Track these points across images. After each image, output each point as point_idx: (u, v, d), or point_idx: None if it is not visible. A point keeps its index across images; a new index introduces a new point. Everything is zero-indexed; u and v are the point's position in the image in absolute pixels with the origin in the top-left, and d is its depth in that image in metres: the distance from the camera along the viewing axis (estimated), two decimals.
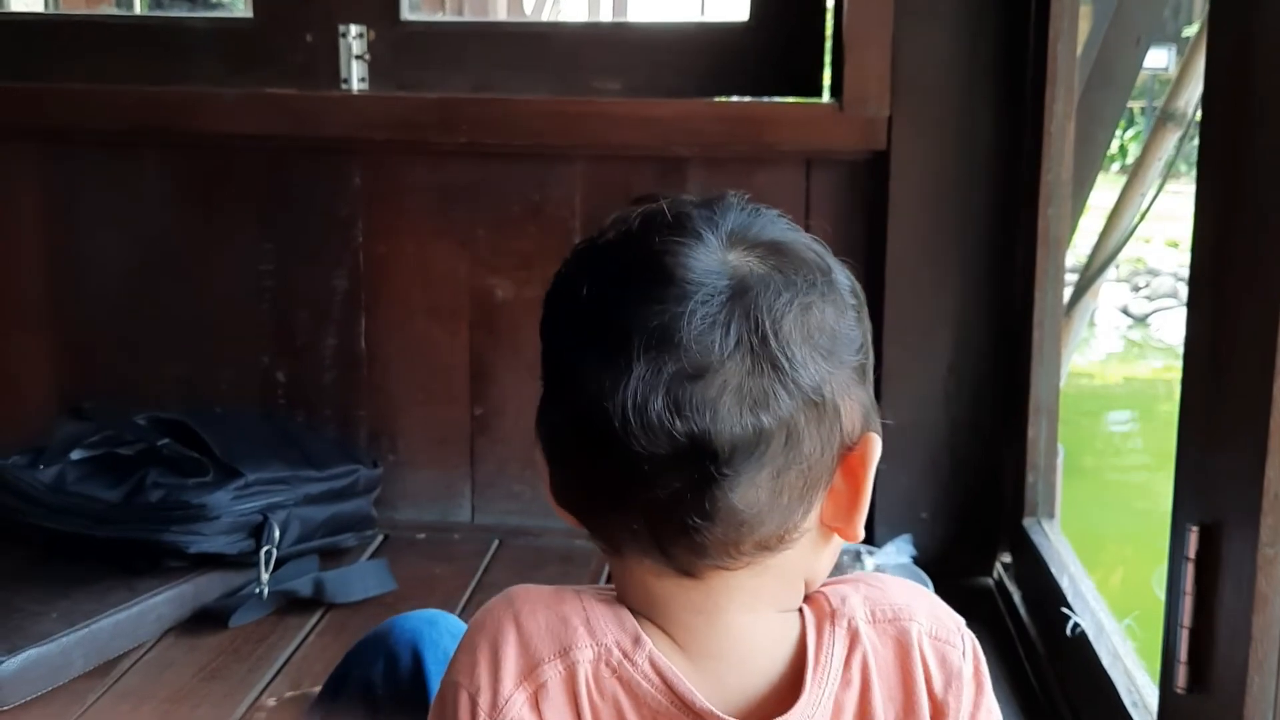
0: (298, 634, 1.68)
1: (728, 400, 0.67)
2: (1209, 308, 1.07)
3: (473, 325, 2.08)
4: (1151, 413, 6.81)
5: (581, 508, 0.75)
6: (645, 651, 0.73)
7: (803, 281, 0.71)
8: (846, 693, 0.76)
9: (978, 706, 0.79)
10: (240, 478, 1.76)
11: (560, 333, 0.74)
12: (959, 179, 1.87)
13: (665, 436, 0.67)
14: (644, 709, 0.73)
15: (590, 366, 0.69)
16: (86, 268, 2.12)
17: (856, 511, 0.75)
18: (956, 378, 1.89)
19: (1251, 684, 0.96)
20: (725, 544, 0.71)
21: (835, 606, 0.77)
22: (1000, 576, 1.86)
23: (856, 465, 0.73)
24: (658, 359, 0.67)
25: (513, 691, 0.73)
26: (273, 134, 2.04)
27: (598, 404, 0.68)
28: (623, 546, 0.74)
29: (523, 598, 0.77)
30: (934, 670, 0.77)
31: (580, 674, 0.73)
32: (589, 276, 0.72)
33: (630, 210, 0.74)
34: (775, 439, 0.69)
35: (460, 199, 2.05)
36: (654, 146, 1.97)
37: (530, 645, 0.74)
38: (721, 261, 0.70)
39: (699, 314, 0.68)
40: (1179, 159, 2.82)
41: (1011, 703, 1.52)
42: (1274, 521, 0.94)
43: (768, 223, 0.73)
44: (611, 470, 0.69)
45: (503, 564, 1.97)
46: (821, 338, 0.70)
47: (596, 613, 0.75)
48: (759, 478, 0.69)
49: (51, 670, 1.50)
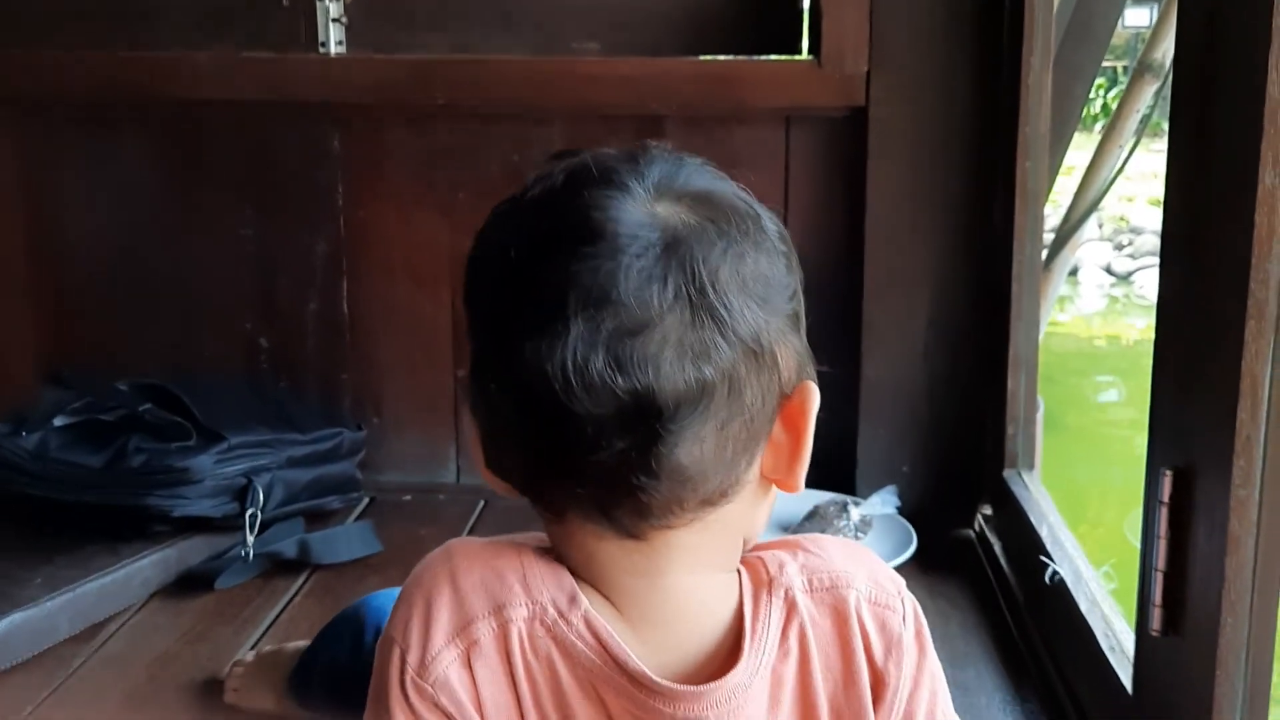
0: (284, 596, 1.69)
1: (669, 354, 0.66)
2: (1182, 255, 1.07)
3: (455, 288, 2.07)
4: (1135, 369, 6.84)
5: (521, 476, 0.74)
6: (581, 611, 0.72)
7: (735, 230, 0.70)
8: (785, 664, 0.75)
9: (920, 670, 0.78)
10: (223, 441, 1.76)
11: (489, 298, 0.72)
12: (937, 134, 1.87)
13: (608, 396, 0.66)
14: (579, 669, 0.72)
15: (525, 330, 0.67)
16: (65, 236, 2.11)
17: (798, 462, 0.74)
18: (936, 332, 1.90)
19: (1225, 625, 0.98)
20: (670, 502, 0.70)
21: (773, 575, 0.76)
22: (981, 528, 1.88)
23: (796, 414, 0.73)
24: (595, 317, 0.66)
25: (442, 648, 0.72)
26: (250, 99, 2.03)
27: (536, 368, 0.66)
28: (565, 511, 0.73)
29: (461, 553, 0.76)
30: (874, 638, 0.77)
31: (514, 632, 0.72)
32: (515, 237, 0.70)
33: (552, 166, 0.72)
34: (718, 391, 0.68)
35: (440, 162, 2.04)
36: (632, 106, 1.96)
37: (464, 602, 0.73)
38: (650, 214, 0.69)
39: (634, 268, 0.66)
40: (1158, 116, 2.82)
41: (990, 651, 1.54)
42: (1246, 464, 0.95)
43: (693, 171, 0.72)
44: (554, 436, 0.68)
45: (488, 525, 1.97)
46: (757, 285, 0.69)
47: (535, 570, 0.74)
48: (703, 431, 0.68)
49: (37, 635, 1.51)
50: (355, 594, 1.70)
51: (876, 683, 0.77)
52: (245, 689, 1.39)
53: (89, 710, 1.40)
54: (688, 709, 0.72)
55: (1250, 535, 0.96)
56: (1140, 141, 2.47)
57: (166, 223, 2.09)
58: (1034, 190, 1.77)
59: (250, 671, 1.40)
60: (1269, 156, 0.90)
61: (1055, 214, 2.96)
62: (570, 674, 0.72)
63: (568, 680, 0.72)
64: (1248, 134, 0.92)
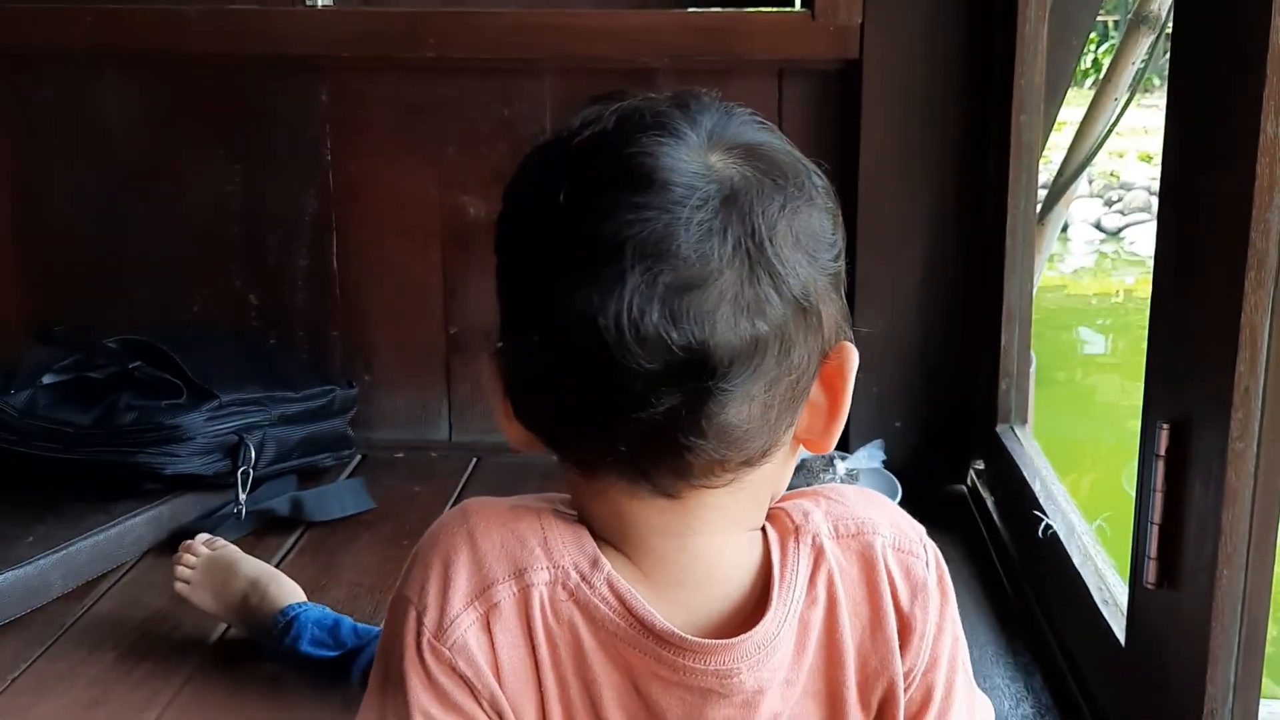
0: (277, 553, 1.69)
1: (725, 310, 0.64)
2: (1181, 206, 1.07)
3: (445, 244, 2.06)
4: (1124, 325, 6.85)
5: (554, 431, 0.71)
6: (603, 574, 0.71)
7: (790, 185, 0.68)
8: (813, 610, 0.74)
9: (943, 617, 0.78)
10: (214, 399, 1.75)
11: (532, 243, 0.68)
12: (931, 86, 1.85)
13: (662, 350, 0.63)
14: (602, 633, 0.71)
15: (576, 280, 0.64)
16: (51, 190, 2.09)
17: (835, 423, 0.72)
18: (929, 286, 1.90)
19: (1221, 577, 0.98)
20: (713, 463, 0.68)
21: (799, 523, 0.76)
22: (973, 482, 1.88)
23: (834, 375, 0.71)
24: (653, 269, 0.63)
25: (460, 611, 0.71)
26: (237, 52, 2.00)
27: (587, 319, 0.64)
28: (598, 469, 0.70)
29: (479, 514, 0.74)
30: (899, 583, 0.76)
31: (535, 596, 0.71)
32: (563, 181, 0.66)
33: (601, 109, 0.69)
34: (770, 348, 0.66)
35: (429, 115, 2.02)
36: (623, 58, 1.94)
37: (484, 565, 0.71)
38: (705, 164, 0.66)
39: (694, 221, 0.64)
40: (1151, 70, 2.80)
41: (984, 606, 1.54)
42: (1244, 416, 0.94)
43: (744, 122, 0.70)
44: (600, 391, 0.65)
45: (481, 482, 1.97)
46: (808, 241, 0.68)
47: (555, 533, 0.72)
48: (754, 390, 0.66)
49: (29, 593, 1.50)
50: (348, 551, 1.70)
51: (903, 628, 0.76)
52: (194, 587, 1.43)
53: (81, 667, 1.40)
54: (719, 662, 0.71)
55: (1248, 488, 0.96)
56: (1135, 96, 2.45)
57: (154, 177, 2.07)
58: (1029, 143, 1.76)
59: (199, 576, 1.43)
60: (1271, 105, 0.89)
61: (1046, 170, 2.95)
62: (593, 637, 0.71)
63: (590, 644, 0.71)
64: (1250, 82, 0.91)
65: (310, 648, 1.30)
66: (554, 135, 0.70)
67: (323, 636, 1.30)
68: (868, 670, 0.75)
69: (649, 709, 0.72)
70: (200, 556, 1.45)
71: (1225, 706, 1.00)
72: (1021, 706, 1.34)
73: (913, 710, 0.77)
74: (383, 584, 1.59)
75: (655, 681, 0.71)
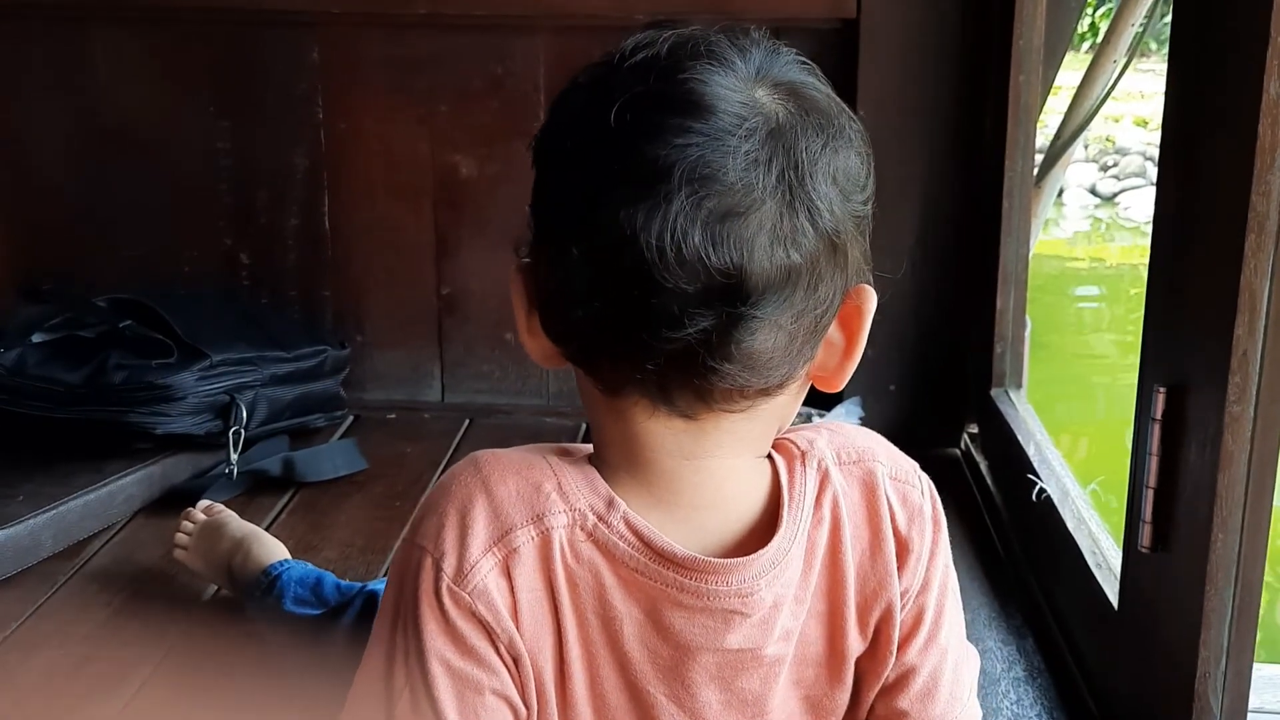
0: (269, 513, 1.68)
1: (763, 239, 0.67)
2: (1180, 168, 1.06)
3: (436, 203, 2.05)
4: (1117, 290, 6.85)
5: (583, 347, 0.73)
6: (619, 513, 0.73)
7: (831, 125, 0.70)
8: (819, 530, 0.77)
9: (936, 543, 0.82)
10: (205, 359, 1.74)
11: (579, 159, 0.69)
12: (929, 48, 1.84)
13: (700, 272, 0.66)
14: (622, 569, 0.73)
15: (623, 197, 0.66)
16: (38, 147, 2.07)
17: (849, 361, 0.75)
18: (924, 249, 1.89)
19: (1216, 541, 0.97)
20: (734, 389, 0.71)
21: (805, 449, 0.79)
22: (967, 446, 1.88)
23: (852, 315, 0.74)
24: (698, 193, 0.65)
25: (480, 557, 0.72)
26: (225, 6, 1.98)
27: (630, 236, 0.65)
28: (622, 388, 0.72)
29: (491, 463, 0.76)
30: (897, 508, 0.80)
31: (555, 540, 0.73)
32: (614, 101, 0.67)
33: (654, 34, 0.70)
34: (802, 280, 0.68)
35: (421, 73, 2.00)
36: (617, 16, 1.91)
37: (501, 511, 0.73)
38: (752, 98, 0.68)
39: (741, 150, 0.66)
40: (1148, 35, 2.78)
41: (976, 569, 1.55)
42: (1241, 380, 0.94)
43: (789, 63, 0.72)
44: (636, 309, 0.67)
45: (473, 442, 1.96)
46: (844, 181, 0.71)
47: (568, 477, 0.75)
48: (782, 319, 0.69)
49: (20, 552, 1.50)
50: (340, 511, 1.70)
51: (901, 549, 0.80)
52: (189, 552, 1.44)
53: (73, 627, 1.39)
54: (739, 580, 0.74)
55: (1244, 452, 0.95)
56: (1133, 59, 2.44)
57: (143, 134, 2.05)
58: (1027, 105, 1.74)
59: (193, 542, 1.44)
60: (1274, 65, 0.88)
61: (1042, 134, 2.94)
62: (613, 574, 0.74)
63: (610, 581, 0.74)
64: (1253, 42, 0.90)
65: (293, 606, 1.30)
66: (604, 57, 0.72)
67: (305, 595, 1.30)
68: (866, 591, 0.79)
69: (669, 640, 0.75)
70: (196, 523, 1.45)
71: (1218, 670, 1.00)
72: (1013, 669, 1.34)
73: (905, 630, 0.81)
74: (374, 544, 1.59)
75: (678, 611, 0.74)
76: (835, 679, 0.81)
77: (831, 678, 0.81)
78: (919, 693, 0.82)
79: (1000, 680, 1.32)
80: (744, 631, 0.75)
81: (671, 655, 0.75)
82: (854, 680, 0.82)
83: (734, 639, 0.75)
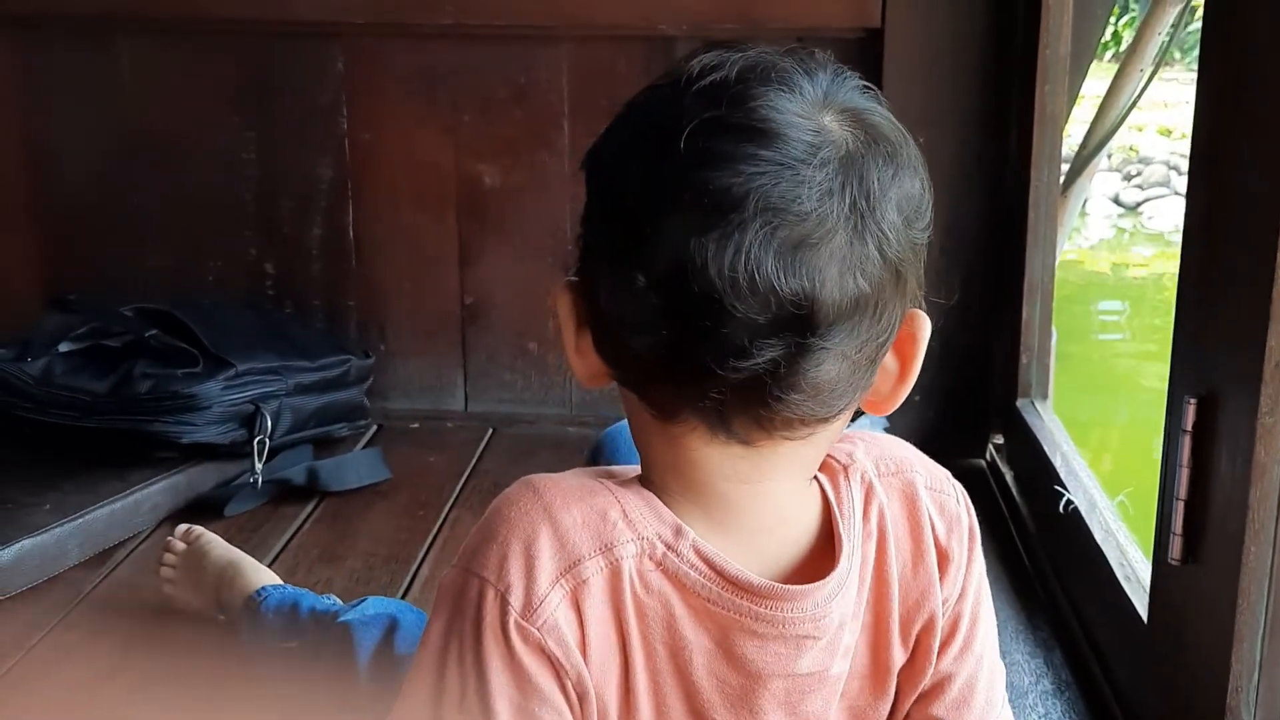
0: (293, 522, 1.69)
1: (834, 268, 0.66)
2: (1210, 176, 1.05)
3: (460, 213, 2.05)
4: (1141, 299, 6.81)
5: (642, 373, 0.71)
6: (688, 541, 0.72)
7: (900, 153, 0.69)
8: (868, 544, 0.77)
9: (972, 551, 0.82)
10: (230, 368, 1.75)
11: (643, 185, 0.68)
12: (954, 56, 1.83)
13: (772, 302, 0.65)
14: (693, 598, 0.72)
15: (693, 225, 0.64)
16: (66, 158, 2.09)
17: (903, 386, 0.74)
18: (949, 259, 1.88)
19: (1248, 553, 0.96)
20: (795, 419, 0.70)
21: (845, 462, 0.78)
22: (993, 457, 1.87)
23: (907, 341, 0.73)
24: (772, 222, 0.64)
25: (549, 590, 0.70)
26: (251, 17, 1.99)
27: (699, 267, 0.64)
28: (679, 413, 0.71)
29: (551, 489, 0.73)
30: (936, 519, 0.80)
31: (625, 571, 0.71)
32: (683, 125, 0.66)
33: (720, 56, 0.69)
34: (868, 308, 0.67)
35: (445, 83, 2.01)
36: (641, 26, 1.92)
37: (567, 541, 0.70)
38: (820, 124, 0.67)
39: (816, 179, 0.65)
40: (1173, 44, 2.77)
41: (1003, 581, 1.53)
42: (1274, 390, 0.93)
43: (854, 88, 0.71)
44: (704, 338, 0.66)
45: (496, 452, 1.97)
46: (908, 208, 0.69)
47: (633, 506, 0.72)
48: (848, 349, 0.68)
49: (46, 560, 1.50)
50: (364, 520, 1.70)
51: (941, 559, 0.80)
52: (176, 585, 1.42)
53: (99, 636, 1.40)
54: (813, 605, 0.73)
55: (1276, 463, 0.94)
56: (1159, 68, 2.42)
57: (167, 145, 2.06)
58: (1053, 114, 1.73)
59: (179, 575, 1.42)
60: None
61: (1067, 145, 2.93)
62: (684, 604, 0.72)
63: (680, 611, 0.72)
64: None
65: (272, 640, 1.29)
66: (670, 77, 0.70)
67: (280, 624, 1.29)
68: (909, 603, 0.79)
69: (739, 669, 0.74)
70: (178, 553, 1.43)
71: (1250, 684, 0.98)
72: (1041, 682, 1.33)
73: (942, 638, 0.81)
74: (398, 554, 1.59)
75: (751, 639, 0.73)
76: (879, 690, 0.80)
77: (875, 689, 0.80)
78: (954, 700, 0.81)
79: (1028, 694, 1.30)
80: (814, 655, 0.74)
81: (741, 684, 0.74)
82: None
83: (805, 663, 0.74)
